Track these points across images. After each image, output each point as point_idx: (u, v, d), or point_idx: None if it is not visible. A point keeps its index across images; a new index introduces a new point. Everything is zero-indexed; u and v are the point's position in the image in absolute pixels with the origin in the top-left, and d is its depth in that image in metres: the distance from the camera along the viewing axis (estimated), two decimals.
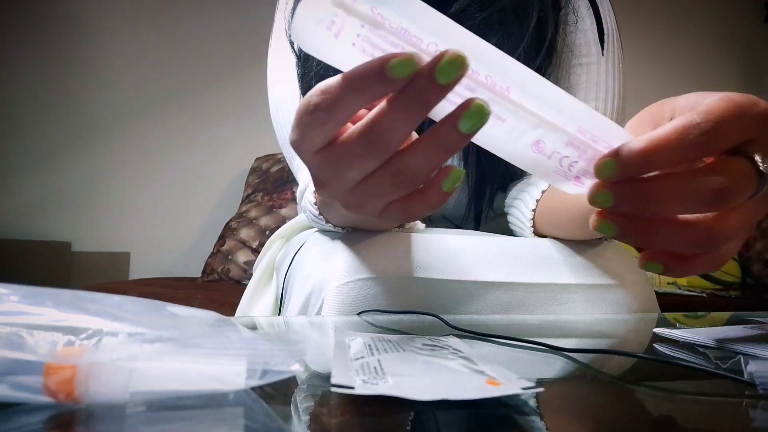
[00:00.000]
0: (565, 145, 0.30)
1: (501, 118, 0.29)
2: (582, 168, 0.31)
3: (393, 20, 0.27)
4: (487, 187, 0.69)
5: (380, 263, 0.51)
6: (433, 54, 0.27)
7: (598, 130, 0.30)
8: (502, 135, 0.30)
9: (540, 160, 0.31)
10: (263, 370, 0.22)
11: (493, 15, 0.62)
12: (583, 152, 0.30)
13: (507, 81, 0.29)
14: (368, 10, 0.27)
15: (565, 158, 0.31)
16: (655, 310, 0.56)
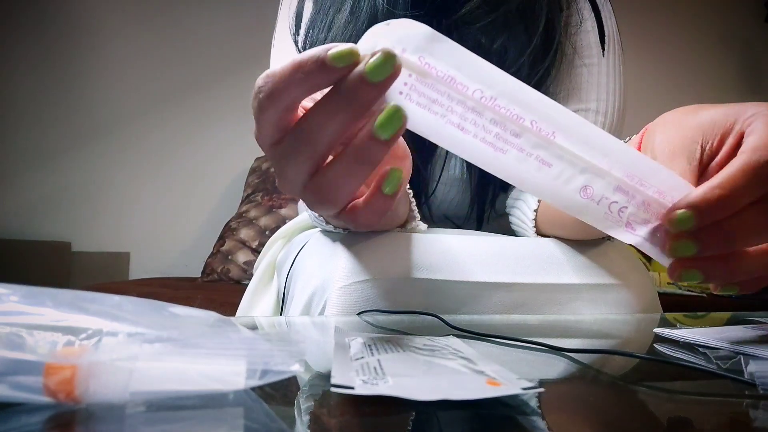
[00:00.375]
0: (613, 190, 0.30)
1: (547, 162, 0.30)
2: (632, 213, 0.31)
3: (440, 68, 0.28)
4: (489, 188, 0.69)
5: (383, 264, 0.51)
6: (476, 101, 0.28)
7: (645, 174, 0.30)
8: (549, 180, 0.30)
9: (588, 205, 0.31)
10: (263, 370, 0.22)
11: (500, 18, 0.62)
12: (632, 197, 0.31)
13: (552, 126, 0.29)
14: (416, 59, 0.28)
15: (614, 203, 0.31)
16: (657, 311, 0.56)
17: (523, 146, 0.29)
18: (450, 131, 0.29)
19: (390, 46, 0.28)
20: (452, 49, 0.28)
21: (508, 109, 0.29)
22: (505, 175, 0.30)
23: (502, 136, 0.29)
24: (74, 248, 2.21)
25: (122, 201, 2.28)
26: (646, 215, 0.31)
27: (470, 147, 0.29)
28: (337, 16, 0.62)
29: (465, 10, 0.62)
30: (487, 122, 0.29)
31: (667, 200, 0.31)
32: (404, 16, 0.60)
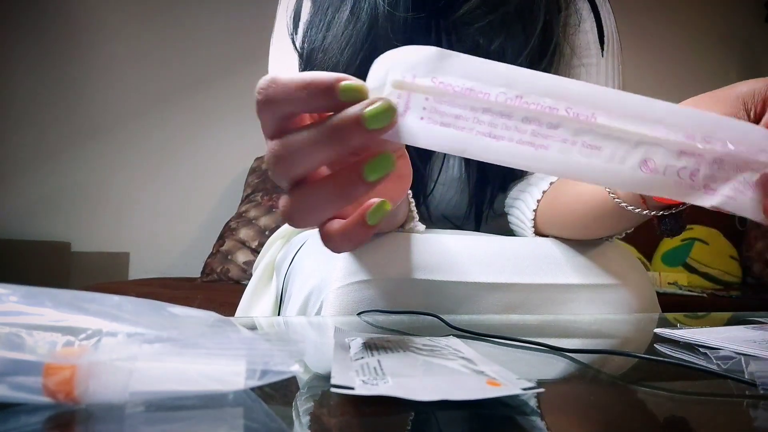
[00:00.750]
0: (677, 156, 0.28)
1: (595, 146, 0.28)
2: (707, 174, 0.29)
3: (456, 84, 0.28)
4: (487, 188, 0.69)
5: (380, 265, 0.51)
6: (502, 104, 0.27)
7: (707, 129, 0.28)
8: (603, 164, 0.28)
9: (654, 179, 0.29)
10: (263, 371, 0.22)
11: (498, 19, 0.62)
12: (700, 157, 0.28)
13: (589, 107, 0.28)
14: (429, 81, 0.28)
15: (682, 170, 0.29)
16: (656, 310, 0.56)
17: (565, 136, 0.28)
18: (483, 142, 0.28)
19: (400, 75, 0.27)
20: (464, 62, 0.28)
21: (538, 102, 0.28)
22: (554, 170, 0.28)
23: (539, 131, 0.28)
24: (74, 248, 2.21)
25: (122, 201, 2.28)
26: (722, 173, 0.29)
27: (508, 152, 0.28)
28: (337, 16, 0.62)
29: (463, 10, 0.62)
30: (519, 122, 0.28)
31: (742, 150, 0.28)
32: (404, 17, 0.60)
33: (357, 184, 0.28)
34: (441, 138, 0.28)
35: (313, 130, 0.27)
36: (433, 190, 0.70)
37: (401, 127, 0.28)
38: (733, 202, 0.29)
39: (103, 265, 2.22)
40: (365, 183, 0.28)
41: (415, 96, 0.28)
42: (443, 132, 0.28)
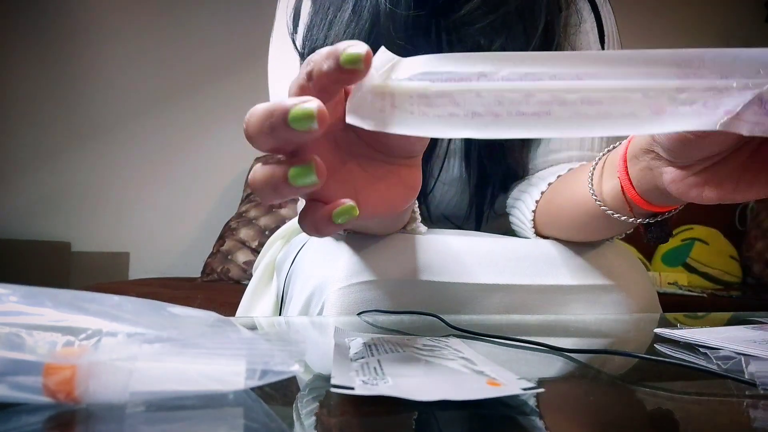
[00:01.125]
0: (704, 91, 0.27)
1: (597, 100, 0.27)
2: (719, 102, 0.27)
3: (437, 71, 0.27)
4: (488, 188, 0.69)
5: (381, 266, 0.51)
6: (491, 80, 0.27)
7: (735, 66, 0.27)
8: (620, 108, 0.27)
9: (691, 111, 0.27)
10: (263, 371, 0.22)
11: (499, 19, 0.62)
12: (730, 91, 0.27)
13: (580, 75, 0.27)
14: (414, 81, 0.27)
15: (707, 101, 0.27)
16: (657, 311, 0.56)
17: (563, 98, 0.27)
18: (482, 121, 0.27)
19: (380, 78, 0.27)
20: (467, 56, 0.27)
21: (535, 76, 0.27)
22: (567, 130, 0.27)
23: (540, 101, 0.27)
24: (74, 248, 2.21)
25: (122, 201, 2.28)
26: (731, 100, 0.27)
27: (516, 124, 0.27)
28: (338, 15, 0.62)
29: (464, 11, 0.62)
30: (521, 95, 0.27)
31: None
32: (406, 16, 0.60)
33: (282, 183, 0.28)
34: (435, 122, 0.27)
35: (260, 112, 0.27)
36: (434, 189, 0.70)
37: (394, 117, 0.28)
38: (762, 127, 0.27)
39: (103, 265, 2.23)
40: (289, 185, 0.28)
41: (399, 96, 0.27)
42: (435, 113, 0.27)
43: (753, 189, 0.34)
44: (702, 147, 0.34)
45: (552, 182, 0.59)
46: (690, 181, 0.36)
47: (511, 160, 0.66)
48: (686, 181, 0.36)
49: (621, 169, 0.44)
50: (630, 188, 0.44)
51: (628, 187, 0.44)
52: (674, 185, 0.37)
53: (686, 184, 0.36)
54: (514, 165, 0.67)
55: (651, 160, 0.40)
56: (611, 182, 0.46)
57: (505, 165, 0.67)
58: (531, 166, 0.67)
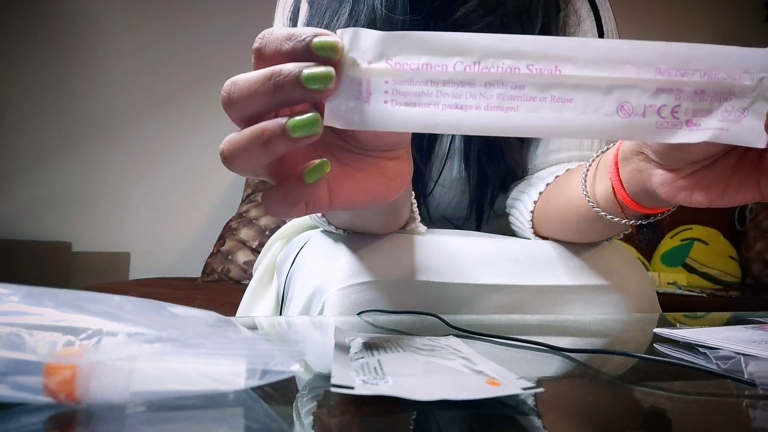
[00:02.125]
0: (654, 94, 0.27)
1: (566, 99, 0.27)
2: (689, 108, 0.27)
3: (411, 61, 0.27)
4: (488, 189, 0.69)
5: (382, 266, 0.51)
6: (461, 73, 0.27)
7: (680, 60, 0.27)
8: (577, 115, 0.27)
9: (634, 123, 0.27)
10: (263, 370, 0.22)
11: (497, 21, 0.62)
12: (679, 91, 0.27)
13: (551, 60, 0.27)
14: (385, 64, 0.27)
15: (663, 108, 0.27)
16: (656, 311, 0.56)
17: (532, 94, 0.27)
18: (451, 115, 0.27)
19: (358, 59, 0.27)
20: (414, 38, 0.27)
21: (498, 65, 0.27)
22: (530, 130, 0.27)
23: (505, 94, 0.27)
24: (74, 248, 2.21)
25: (122, 201, 2.28)
26: (705, 104, 0.27)
27: (479, 120, 0.27)
28: (335, 19, 0.62)
29: (461, 12, 0.62)
30: (482, 88, 0.27)
31: (722, 77, 0.27)
32: (402, 19, 0.60)
33: (279, 136, 0.28)
34: (409, 118, 0.28)
35: (257, 76, 0.28)
36: (433, 190, 0.70)
37: (368, 113, 0.28)
38: (726, 133, 0.28)
39: (104, 265, 2.22)
40: (288, 137, 0.28)
41: (374, 80, 0.28)
42: (410, 112, 0.28)
43: (741, 193, 0.34)
44: (691, 150, 0.34)
45: (550, 183, 0.59)
46: (679, 185, 0.36)
47: (511, 160, 0.66)
48: (675, 184, 0.36)
49: (612, 171, 0.44)
50: (621, 190, 0.44)
51: (619, 188, 0.44)
52: (663, 188, 0.37)
53: (675, 187, 0.36)
54: (513, 165, 0.67)
55: (640, 162, 0.40)
56: (603, 184, 0.46)
57: (504, 165, 0.67)
58: (530, 167, 0.67)
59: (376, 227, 0.53)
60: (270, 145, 0.28)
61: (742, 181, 0.34)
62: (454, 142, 0.67)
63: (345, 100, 0.28)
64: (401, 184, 0.36)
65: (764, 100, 0.27)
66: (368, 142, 0.33)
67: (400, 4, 0.60)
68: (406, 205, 0.52)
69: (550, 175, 0.61)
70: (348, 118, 0.28)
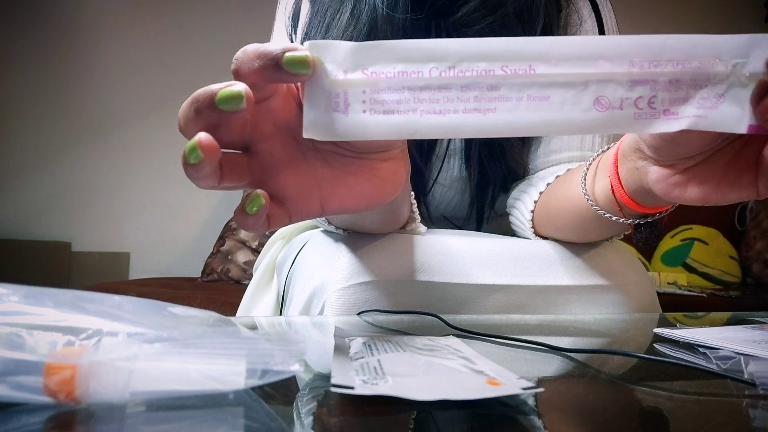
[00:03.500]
0: (629, 87, 0.27)
1: (543, 97, 0.28)
2: (666, 98, 0.28)
3: (387, 70, 0.28)
4: (489, 188, 0.69)
5: (382, 266, 0.51)
6: (437, 78, 0.27)
7: (651, 52, 0.27)
8: (555, 113, 0.28)
9: (613, 116, 0.28)
10: (263, 370, 0.22)
11: (498, 21, 0.62)
12: (654, 82, 0.27)
13: (525, 60, 0.27)
14: (361, 74, 0.28)
15: (639, 99, 0.28)
16: (656, 311, 0.56)
17: (509, 95, 0.27)
18: (430, 120, 0.28)
19: (333, 71, 0.28)
20: (388, 47, 0.28)
21: (472, 68, 0.27)
22: (509, 130, 0.28)
23: (481, 96, 0.27)
24: (74, 248, 2.21)
25: (122, 201, 2.28)
26: (681, 93, 0.28)
27: (458, 124, 0.28)
28: (336, 18, 0.62)
29: (462, 13, 0.61)
30: (459, 92, 0.28)
31: (694, 65, 0.27)
32: (403, 19, 0.60)
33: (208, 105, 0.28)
34: (389, 126, 0.28)
35: (186, 103, 0.29)
36: (432, 189, 0.70)
37: (347, 124, 0.28)
38: (705, 120, 0.28)
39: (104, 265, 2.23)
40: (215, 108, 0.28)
41: (352, 91, 0.28)
42: (389, 120, 0.28)
43: (735, 190, 0.34)
44: (685, 144, 0.34)
45: (551, 182, 0.59)
46: (673, 180, 0.36)
47: (512, 160, 0.66)
48: (670, 180, 0.36)
49: (612, 169, 0.44)
50: (619, 188, 0.44)
51: (618, 187, 0.44)
52: (658, 184, 0.37)
53: (669, 184, 0.36)
54: (514, 165, 0.66)
55: (637, 160, 0.40)
56: (603, 182, 0.46)
57: (505, 165, 0.66)
58: (531, 167, 0.67)
59: (376, 227, 0.53)
60: (200, 113, 0.29)
61: (737, 178, 0.34)
62: (455, 141, 0.67)
63: (324, 112, 0.28)
64: (397, 186, 0.36)
65: (740, 86, 0.28)
66: (360, 145, 0.33)
67: (402, 3, 0.60)
68: (406, 204, 0.52)
69: (551, 174, 0.61)
70: (328, 130, 0.29)
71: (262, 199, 0.31)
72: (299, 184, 0.33)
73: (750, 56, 0.27)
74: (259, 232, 0.33)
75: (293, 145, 0.33)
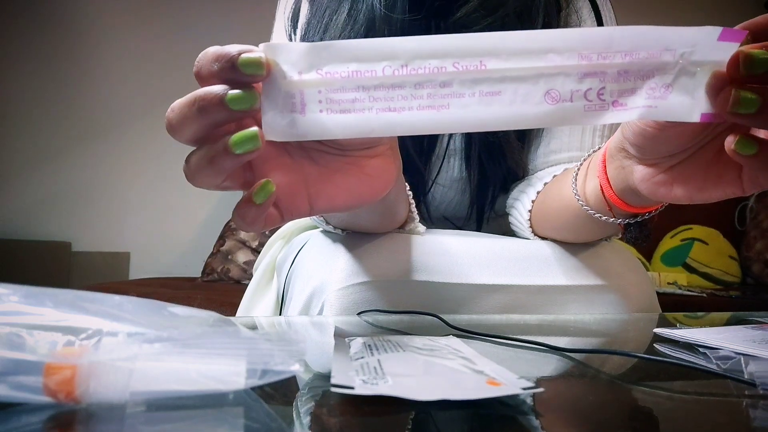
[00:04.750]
0: (578, 79, 0.28)
1: (495, 92, 0.28)
2: (614, 90, 0.28)
3: (340, 70, 0.28)
4: (489, 189, 0.69)
5: (381, 266, 0.51)
6: (390, 77, 0.28)
7: (600, 44, 0.28)
8: (507, 107, 0.28)
9: (564, 108, 0.28)
10: (263, 370, 0.22)
11: (497, 21, 0.61)
12: (603, 74, 0.28)
13: (475, 57, 0.28)
14: (315, 74, 0.28)
15: (589, 91, 0.28)
16: (656, 310, 0.56)
17: (461, 91, 0.28)
18: (385, 118, 0.28)
19: (286, 75, 0.28)
20: (341, 47, 0.28)
21: (424, 66, 0.28)
22: (462, 126, 0.28)
23: (434, 93, 0.28)
24: (74, 248, 2.21)
25: (122, 201, 2.28)
26: (630, 84, 0.28)
27: (413, 121, 0.28)
28: (334, 18, 0.62)
29: (461, 13, 0.61)
30: (413, 89, 0.28)
31: (643, 56, 0.28)
32: (401, 19, 0.60)
33: (223, 154, 0.29)
34: (345, 125, 0.28)
35: (184, 101, 0.29)
36: (432, 189, 0.70)
37: (305, 124, 0.29)
38: (655, 110, 0.28)
39: (104, 265, 2.23)
40: (231, 154, 0.29)
41: (307, 92, 0.28)
42: (346, 119, 0.28)
43: (719, 187, 0.34)
44: (665, 142, 0.34)
45: (548, 182, 0.60)
46: (658, 179, 0.36)
47: (511, 160, 0.66)
48: (654, 179, 0.36)
49: (600, 169, 0.44)
50: (608, 188, 0.44)
51: (606, 187, 0.44)
52: (644, 184, 0.37)
53: (654, 183, 0.36)
54: (514, 166, 0.66)
55: (623, 159, 0.40)
56: (592, 182, 0.46)
57: (505, 166, 0.66)
58: (531, 167, 0.67)
59: (373, 226, 0.53)
60: (215, 163, 0.29)
61: (720, 175, 0.33)
62: (455, 142, 0.67)
63: (281, 113, 0.29)
64: (387, 183, 0.36)
65: (688, 75, 0.28)
66: (344, 142, 0.34)
67: (399, 3, 0.60)
68: (402, 203, 0.52)
69: (549, 175, 0.61)
70: (286, 131, 0.29)
71: (271, 186, 0.31)
72: (287, 183, 0.33)
73: (696, 45, 0.28)
74: (257, 230, 0.33)
75: (279, 145, 0.33)
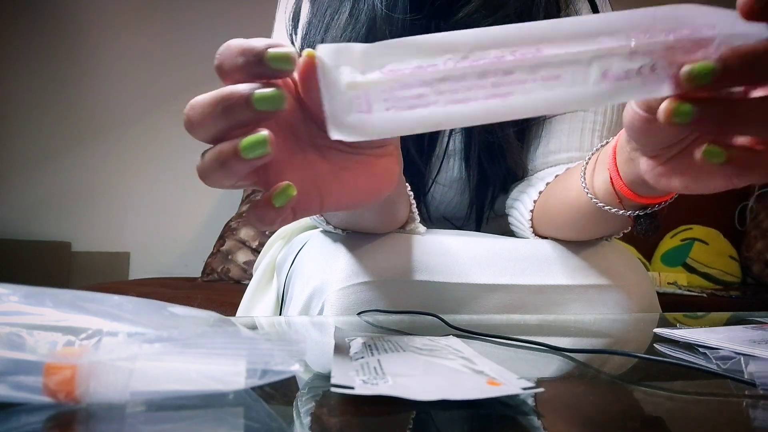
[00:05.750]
0: (629, 58, 0.29)
1: (555, 76, 0.29)
2: (665, 64, 0.29)
3: (403, 66, 0.28)
4: (488, 189, 0.69)
5: (381, 266, 0.51)
6: (453, 69, 0.28)
7: (645, 25, 0.29)
8: (568, 90, 0.29)
9: (621, 86, 0.29)
10: (263, 370, 0.22)
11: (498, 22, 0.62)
12: (651, 52, 0.29)
13: (532, 43, 0.29)
14: (379, 73, 0.28)
15: (642, 68, 0.29)
16: (656, 311, 0.56)
17: (523, 77, 0.29)
18: (454, 110, 0.29)
19: (350, 76, 0.28)
20: (401, 45, 0.28)
21: (484, 57, 0.29)
22: (528, 111, 0.29)
23: (498, 82, 0.29)
24: (74, 248, 2.21)
25: (122, 201, 2.28)
26: (678, 57, 0.29)
27: (481, 110, 0.29)
28: (335, 18, 0.62)
29: (462, 13, 0.61)
30: (476, 80, 0.29)
31: (686, 34, 0.29)
32: (402, 19, 0.60)
33: (234, 158, 0.28)
34: (414, 120, 0.29)
35: (209, 99, 0.29)
36: (432, 188, 0.70)
37: (373, 124, 0.29)
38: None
39: (104, 265, 2.22)
40: (241, 159, 0.28)
41: (372, 92, 0.28)
42: (413, 114, 0.29)
43: (713, 180, 0.34)
44: (655, 134, 0.34)
45: (550, 182, 0.60)
46: (659, 171, 0.37)
47: (511, 161, 0.66)
48: (656, 170, 0.37)
49: (610, 162, 0.45)
50: (618, 179, 0.44)
51: (617, 178, 0.44)
52: (648, 174, 0.38)
53: (656, 174, 0.37)
54: (513, 166, 0.67)
55: (631, 151, 0.40)
56: (602, 175, 0.47)
57: (504, 166, 0.67)
58: (530, 167, 0.67)
59: (374, 225, 0.54)
60: (227, 167, 0.29)
61: (712, 168, 0.34)
62: (455, 142, 0.67)
63: (347, 115, 0.29)
64: (391, 181, 0.37)
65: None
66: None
67: (401, 3, 0.60)
68: (403, 203, 0.52)
69: (550, 174, 0.61)
70: (356, 130, 0.29)
71: (293, 190, 0.31)
72: (301, 181, 0.33)
73: (731, 22, 0.29)
74: (271, 229, 0.33)
75: (294, 142, 0.33)
